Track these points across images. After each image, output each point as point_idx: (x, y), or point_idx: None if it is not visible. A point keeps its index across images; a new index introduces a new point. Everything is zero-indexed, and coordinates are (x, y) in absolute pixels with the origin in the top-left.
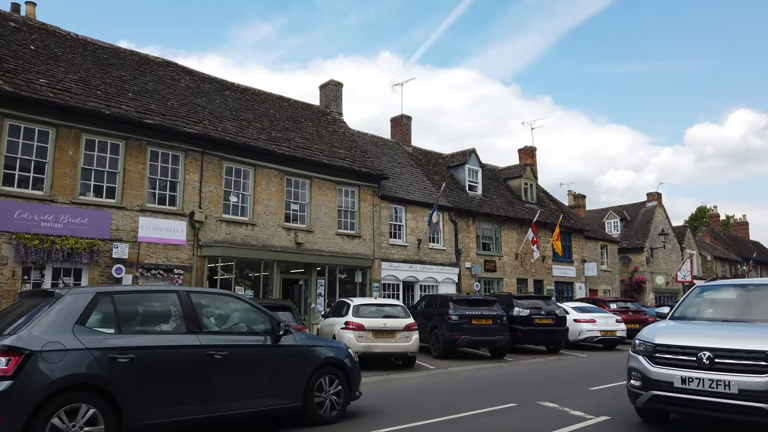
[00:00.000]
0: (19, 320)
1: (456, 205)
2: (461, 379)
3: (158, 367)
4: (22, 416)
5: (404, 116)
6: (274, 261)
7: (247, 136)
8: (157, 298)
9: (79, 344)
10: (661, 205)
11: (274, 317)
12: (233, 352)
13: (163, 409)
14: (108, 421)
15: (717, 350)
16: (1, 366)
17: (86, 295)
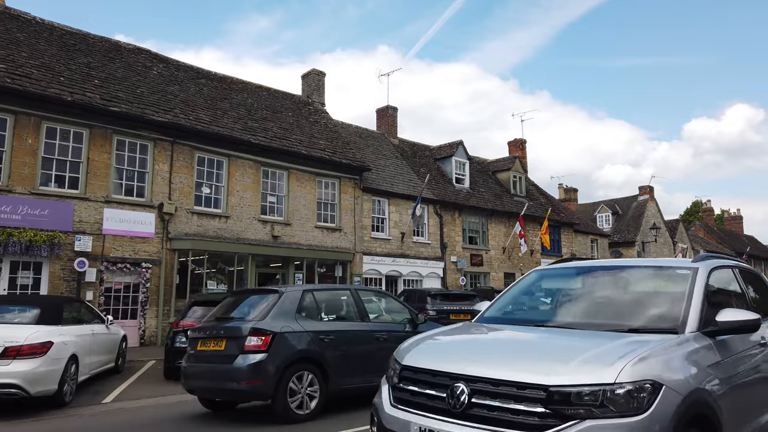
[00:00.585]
0: (258, 310)
1: (442, 198)
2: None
3: (347, 346)
4: (273, 380)
5: (390, 107)
6: (249, 254)
7: (221, 126)
8: (338, 295)
9: (301, 328)
10: (653, 198)
11: (413, 311)
12: (390, 336)
13: (350, 378)
14: (320, 385)
15: (477, 380)
16: (258, 343)
17: (297, 291)
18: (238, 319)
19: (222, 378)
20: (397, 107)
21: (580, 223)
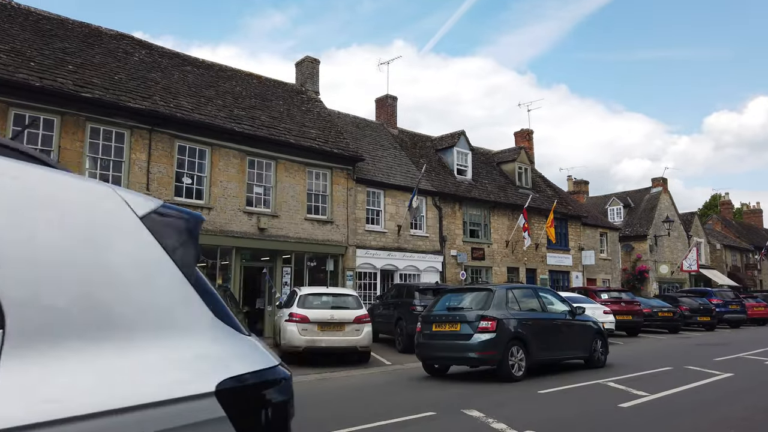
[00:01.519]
0: (480, 303)
1: (441, 190)
2: (410, 378)
3: (538, 330)
4: (501, 351)
5: (389, 96)
6: (233, 248)
7: (204, 113)
8: (527, 292)
9: (510, 315)
10: (667, 191)
11: (571, 304)
12: (561, 323)
13: (542, 352)
14: (525, 356)
15: None
16: (488, 325)
17: (503, 289)
18: (467, 309)
19: (461, 350)
20: (397, 96)
21: (588, 216)
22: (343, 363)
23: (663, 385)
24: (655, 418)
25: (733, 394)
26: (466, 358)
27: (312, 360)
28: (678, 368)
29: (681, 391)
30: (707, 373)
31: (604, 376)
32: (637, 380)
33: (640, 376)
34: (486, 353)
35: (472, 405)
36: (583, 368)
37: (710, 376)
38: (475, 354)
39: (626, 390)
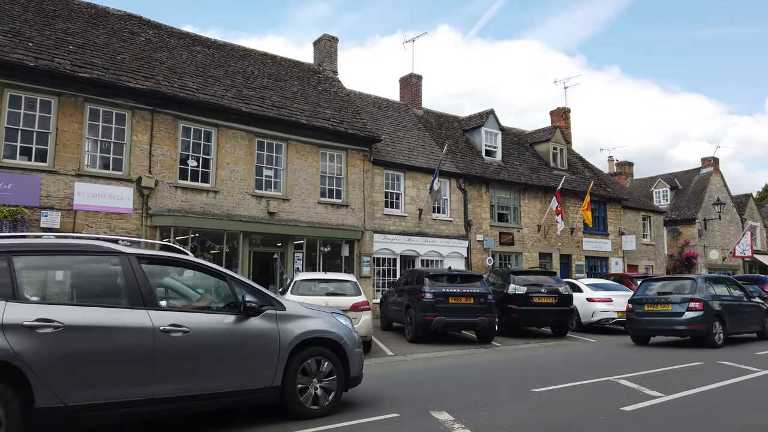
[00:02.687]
0: (687, 288)
1: (466, 172)
2: (406, 371)
3: (730, 309)
4: (708, 326)
5: (414, 75)
6: (240, 232)
7: (210, 93)
8: (716, 279)
9: (710, 298)
10: (718, 171)
11: (746, 288)
12: (743, 304)
13: (731, 327)
14: (723, 330)
15: None
16: (696, 305)
17: (701, 278)
18: (675, 294)
19: (672, 324)
20: (422, 75)
21: (630, 198)
22: None
23: (684, 383)
24: (655, 427)
25: (766, 397)
26: (677, 330)
27: None
28: (709, 363)
29: (702, 391)
30: (742, 369)
31: (616, 372)
32: (656, 378)
33: (660, 372)
34: (694, 327)
35: (443, 407)
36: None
37: (744, 373)
38: (685, 327)
39: (637, 389)
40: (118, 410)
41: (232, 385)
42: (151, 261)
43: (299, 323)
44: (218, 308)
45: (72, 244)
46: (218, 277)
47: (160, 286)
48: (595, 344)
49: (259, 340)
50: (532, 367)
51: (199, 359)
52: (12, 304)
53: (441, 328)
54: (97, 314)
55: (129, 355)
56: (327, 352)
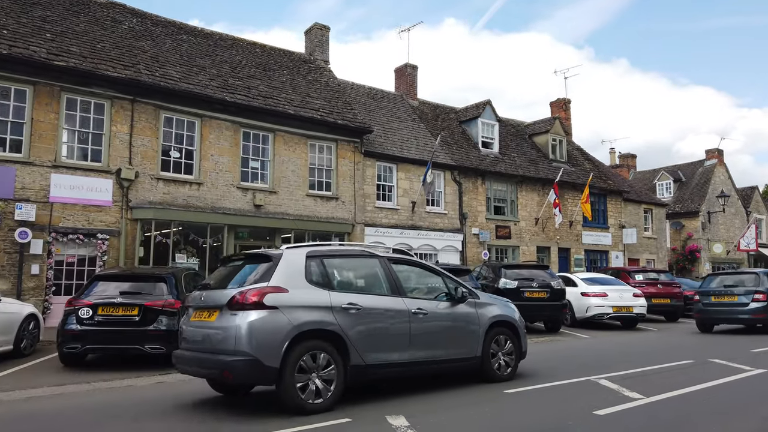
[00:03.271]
0: (751, 282)
1: (461, 163)
2: None
3: None
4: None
5: (409, 65)
6: (225, 225)
7: (193, 83)
8: None
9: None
10: (723, 163)
11: None
12: None
13: None
14: None
15: None
16: (760, 297)
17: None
18: (740, 286)
19: (738, 314)
20: (417, 65)
21: (631, 191)
22: None
23: (669, 383)
24: None
25: (755, 398)
26: (741, 319)
27: None
28: (700, 361)
29: (686, 393)
30: (734, 368)
31: (601, 371)
32: (640, 377)
33: (646, 372)
34: (758, 316)
35: (400, 412)
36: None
37: (736, 372)
38: (749, 316)
39: (617, 391)
40: (392, 369)
41: (452, 354)
42: (395, 261)
43: (489, 309)
44: (437, 297)
45: (353, 249)
46: (436, 274)
47: (404, 280)
48: (587, 341)
49: (466, 321)
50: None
51: (434, 334)
52: (333, 292)
53: None
54: (377, 300)
55: (397, 330)
56: (507, 331)
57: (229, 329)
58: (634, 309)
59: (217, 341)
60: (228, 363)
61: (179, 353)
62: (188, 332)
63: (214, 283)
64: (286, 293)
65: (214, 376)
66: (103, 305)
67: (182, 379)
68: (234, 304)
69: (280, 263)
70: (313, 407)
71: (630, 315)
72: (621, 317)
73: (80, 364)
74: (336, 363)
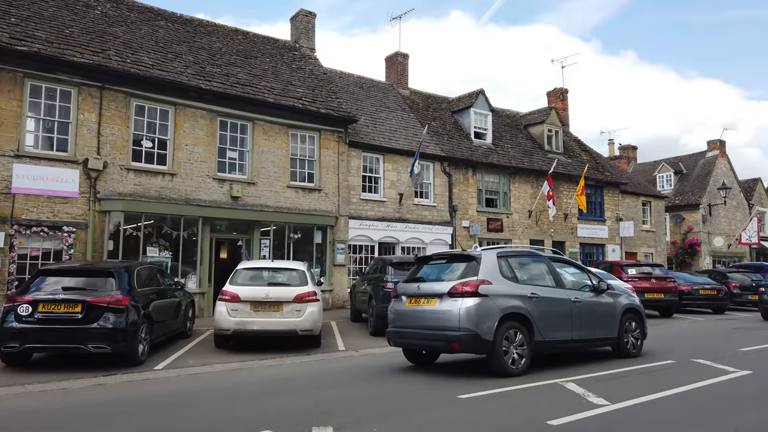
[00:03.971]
0: None
1: (451, 154)
2: (341, 371)
3: None
4: None
5: (399, 54)
6: (200, 218)
7: (167, 70)
8: None
9: None
10: (725, 154)
11: None
12: None
13: None
14: None
15: None
16: None
17: None
18: None
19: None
20: (408, 54)
21: (629, 183)
22: (291, 347)
23: (641, 388)
24: None
25: (732, 405)
26: None
27: (255, 344)
28: (683, 362)
29: (659, 398)
30: (717, 369)
31: (570, 374)
32: (609, 380)
33: (618, 374)
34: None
35: (329, 422)
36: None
37: (719, 374)
38: None
39: (582, 395)
40: (561, 344)
41: (599, 334)
42: (554, 260)
43: (620, 298)
44: (583, 288)
45: (525, 250)
46: (582, 270)
47: (561, 274)
48: None
49: (607, 308)
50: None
51: (586, 318)
52: (518, 284)
53: None
54: (547, 290)
55: (563, 314)
56: (634, 316)
57: (452, 312)
58: None
59: (442, 321)
60: (456, 337)
61: (395, 330)
62: (405, 315)
63: (427, 277)
64: (491, 285)
65: (440, 347)
66: (43, 302)
67: (126, 381)
68: (454, 293)
69: (482, 262)
70: (513, 372)
71: None
72: None
73: (25, 365)
74: (526, 339)
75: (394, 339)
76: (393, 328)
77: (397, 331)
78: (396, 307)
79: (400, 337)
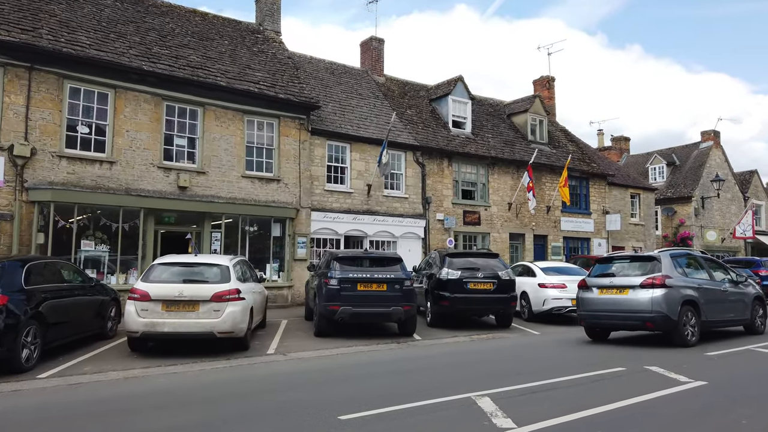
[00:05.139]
0: None
1: (425, 143)
2: (240, 381)
3: None
4: None
5: (375, 39)
6: (142, 209)
7: (106, 50)
8: None
9: None
10: (719, 145)
11: None
12: None
13: None
14: None
15: None
16: None
17: None
18: None
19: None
20: (383, 39)
21: (616, 174)
22: (215, 351)
23: (568, 404)
24: None
25: (670, 424)
26: None
27: (175, 347)
28: (634, 369)
29: (580, 418)
30: (669, 379)
31: (496, 384)
32: (532, 394)
33: (558, 384)
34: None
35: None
36: None
37: (669, 385)
38: None
39: (488, 415)
40: (716, 324)
41: (738, 317)
42: (704, 258)
43: (749, 288)
44: (723, 280)
45: (684, 252)
46: (720, 265)
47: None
48: (532, 339)
49: (742, 296)
50: (405, 371)
51: (730, 304)
52: (687, 277)
53: (347, 320)
54: (706, 283)
55: (717, 300)
56: (759, 303)
57: (645, 299)
58: None
59: (636, 306)
60: (650, 317)
61: (589, 314)
62: (599, 302)
63: (617, 273)
64: (672, 278)
65: (636, 325)
66: None
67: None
68: (646, 285)
69: (662, 261)
70: (689, 343)
71: None
72: None
73: None
74: (696, 319)
75: (588, 321)
76: (585, 312)
77: (592, 314)
78: (586, 295)
79: (595, 318)
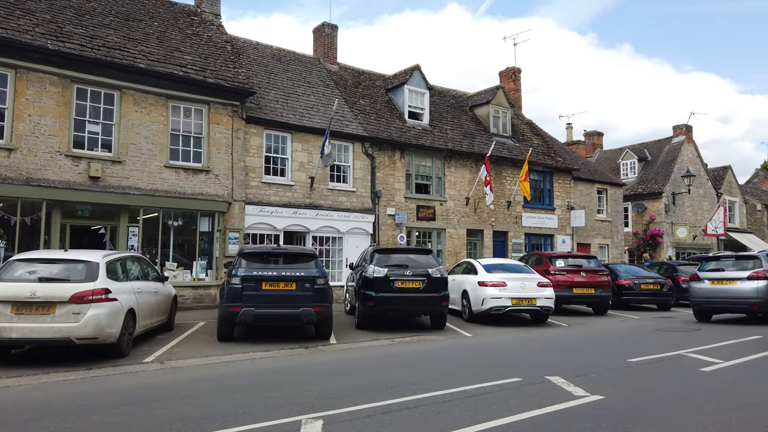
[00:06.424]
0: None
1: (375, 134)
2: (104, 393)
3: None
4: None
5: (327, 25)
6: (44, 200)
7: (6, 27)
8: None
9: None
10: (691, 140)
11: None
12: None
13: None
14: None
15: None
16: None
17: None
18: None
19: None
20: (337, 25)
21: (581, 169)
22: (88, 359)
23: (429, 426)
24: None
25: None
26: None
27: (42, 354)
28: (532, 380)
29: None
30: (563, 393)
31: (329, 405)
32: (385, 415)
33: (427, 399)
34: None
35: None
36: None
37: (562, 400)
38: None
39: None
40: None
41: None
42: None
43: None
44: None
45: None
46: (753, 259)
47: None
48: (460, 341)
49: None
50: (271, 386)
51: None
52: None
53: (249, 322)
54: None
55: None
56: None
57: (751, 288)
58: (538, 301)
59: (744, 294)
60: (756, 302)
61: (703, 300)
62: (711, 291)
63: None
64: None
65: (743, 309)
66: None
67: None
68: (753, 277)
69: (762, 259)
70: None
71: (533, 308)
72: (523, 310)
73: None
74: None
75: (701, 305)
76: (698, 298)
77: (705, 300)
78: (699, 285)
79: (708, 303)
